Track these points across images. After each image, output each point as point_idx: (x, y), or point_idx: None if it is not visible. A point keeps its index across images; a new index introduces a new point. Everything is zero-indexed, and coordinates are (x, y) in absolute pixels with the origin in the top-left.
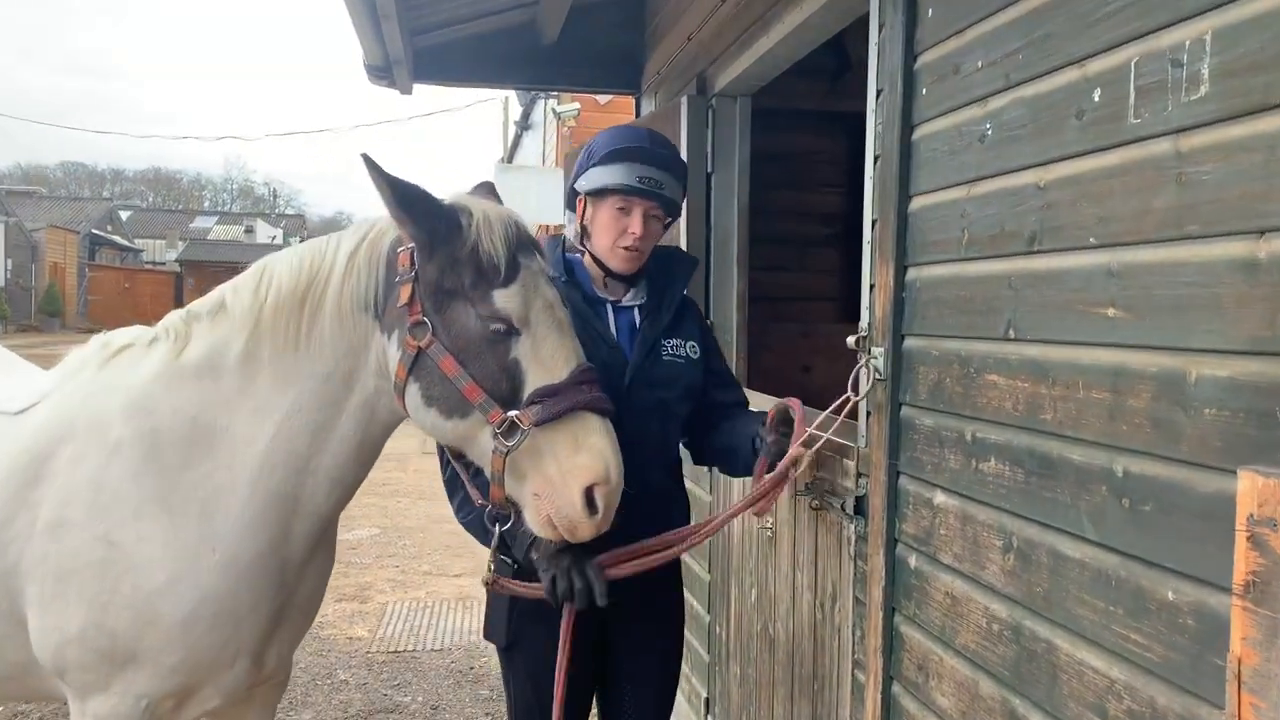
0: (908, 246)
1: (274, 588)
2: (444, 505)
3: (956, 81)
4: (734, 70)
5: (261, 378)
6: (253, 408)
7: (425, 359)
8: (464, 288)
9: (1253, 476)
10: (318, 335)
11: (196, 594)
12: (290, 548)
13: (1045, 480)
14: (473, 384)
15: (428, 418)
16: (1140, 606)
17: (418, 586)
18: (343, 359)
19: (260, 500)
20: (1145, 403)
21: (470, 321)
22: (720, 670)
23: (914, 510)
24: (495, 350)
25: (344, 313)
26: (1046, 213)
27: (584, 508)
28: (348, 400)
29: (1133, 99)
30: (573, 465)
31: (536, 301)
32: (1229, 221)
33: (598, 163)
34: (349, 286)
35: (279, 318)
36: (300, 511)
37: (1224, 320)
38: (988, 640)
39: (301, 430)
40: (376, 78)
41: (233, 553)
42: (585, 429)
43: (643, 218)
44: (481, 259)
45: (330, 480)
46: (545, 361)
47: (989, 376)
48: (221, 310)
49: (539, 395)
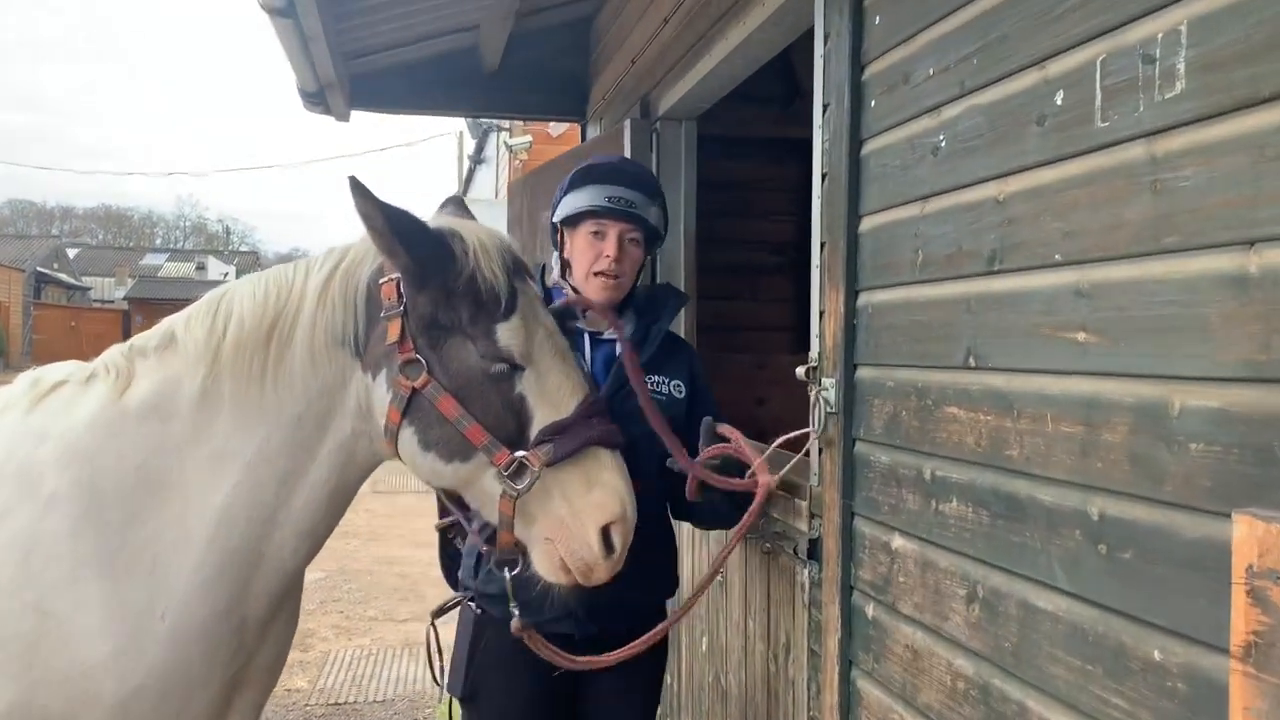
0: (858, 270)
1: (230, 653)
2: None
3: (907, 91)
4: (677, 92)
5: (220, 420)
6: (210, 454)
7: (421, 400)
8: (462, 322)
9: (1251, 521)
10: (286, 373)
11: (142, 668)
12: (250, 607)
13: (1012, 523)
14: (476, 425)
15: (426, 462)
16: (1121, 666)
17: (363, 633)
18: (316, 400)
19: (217, 558)
20: (1122, 437)
21: (471, 359)
22: None
23: (870, 555)
24: (499, 388)
25: (317, 349)
26: (1007, 229)
27: (601, 548)
28: (321, 445)
29: (1100, 101)
30: (586, 504)
31: (538, 332)
32: (1213, 232)
33: (568, 190)
34: (323, 320)
35: (241, 353)
36: (263, 568)
37: (1211, 343)
38: (953, 700)
39: (268, 479)
40: (311, 104)
41: (184, 618)
42: (598, 466)
43: (618, 240)
44: (481, 290)
45: (298, 533)
46: (551, 396)
47: (948, 409)
48: (171, 344)
49: (548, 433)
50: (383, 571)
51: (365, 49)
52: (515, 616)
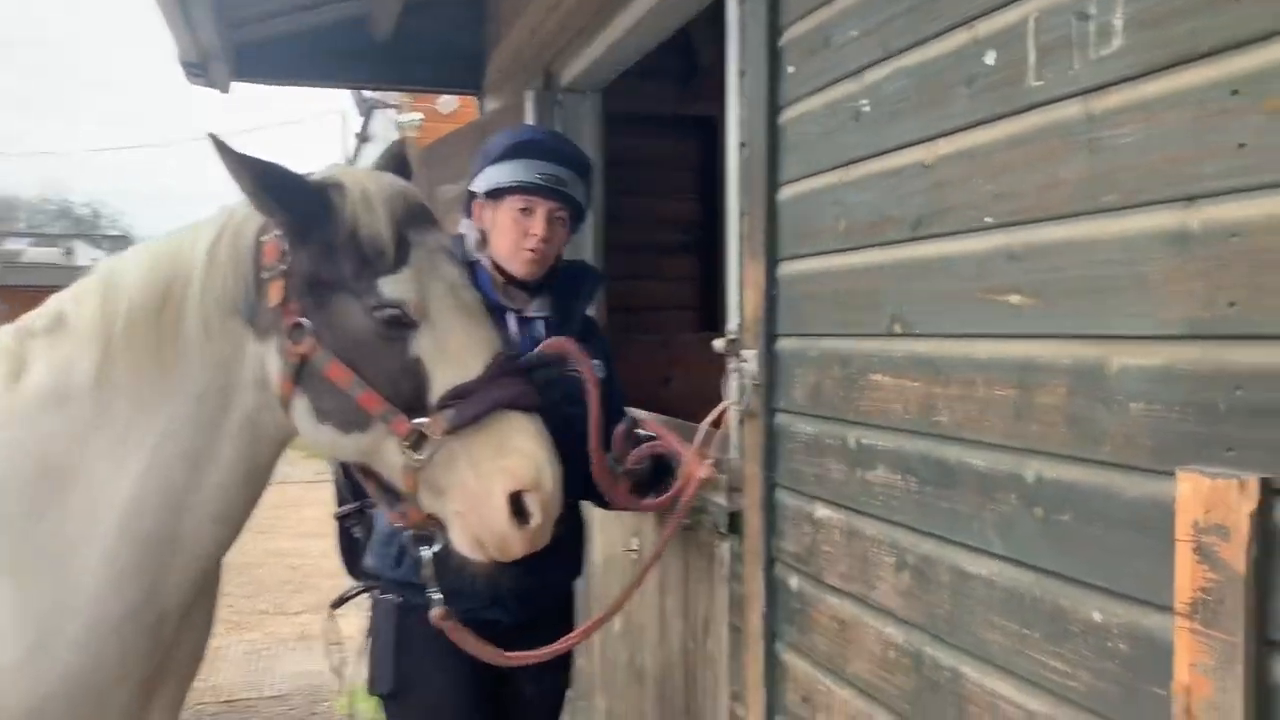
0: (779, 240)
1: (148, 649)
2: (285, 539)
3: (828, 55)
4: (581, 62)
5: (120, 402)
6: (113, 438)
7: (310, 367)
8: (345, 278)
9: (1196, 478)
10: (183, 348)
11: (53, 672)
12: (168, 599)
13: (943, 490)
14: (369, 392)
15: (323, 435)
16: (1060, 629)
17: (254, 628)
18: (215, 374)
19: (130, 549)
20: (1059, 399)
21: (358, 319)
22: (585, 706)
23: (794, 526)
24: (391, 349)
25: (210, 319)
26: (934, 193)
27: (511, 517)
28: (226, 421)
29: (1033, 59)
30: (494, 469)
31: (435, 285)
32: (1153, 190)
33: (495, 161)
34: (213, 287)
35: (134, 330)
36: (180, 557)
37: (1151, 302)
38: (883, 669)
39: (176, 461)
40: (193, 75)
41: (97, 616)
42: (509, 429)
43: (546, 219)
44: (363, 242)
45: (214, 518)
46: (453, 356)
47: (873, 377)
48: (61, 325)
49: (450, 397)
50: (273, 564)
51: (250, 16)
52: (435, 605)
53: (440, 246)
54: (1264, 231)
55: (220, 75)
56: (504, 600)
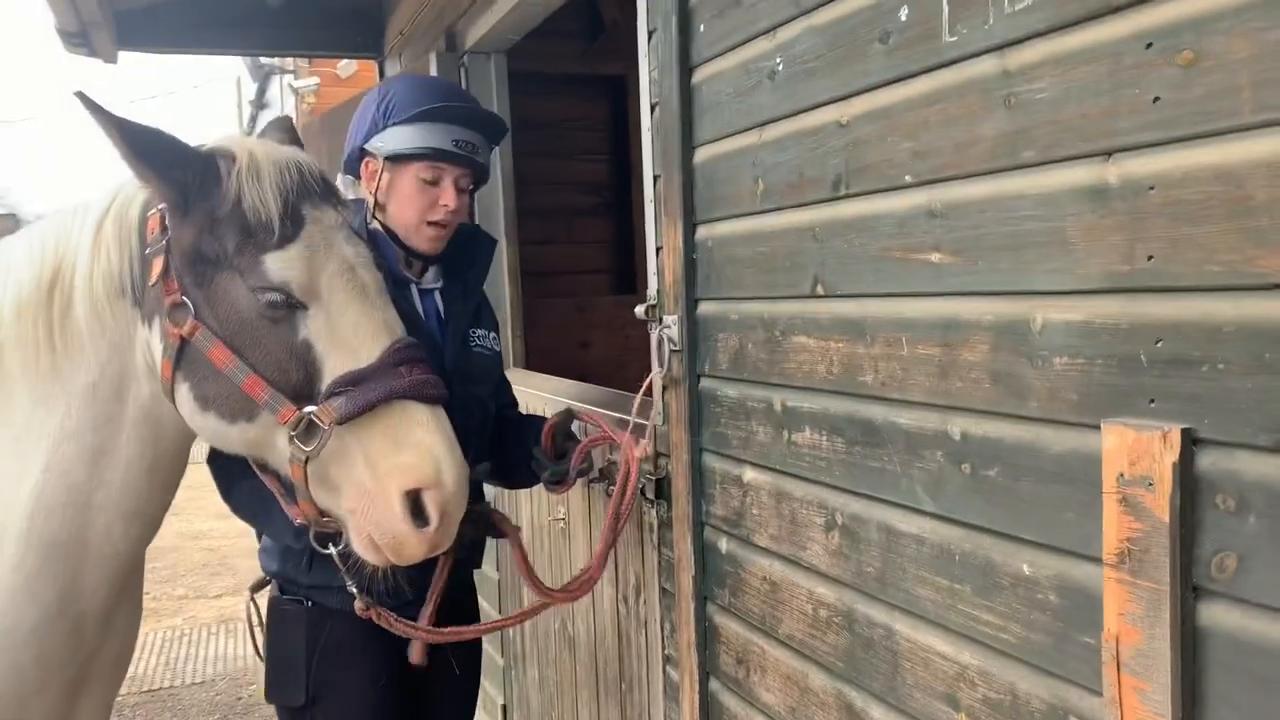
0: (696, 203)
1: (68, 654)
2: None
3: (739, 14)
4: (486, 22)
5: (18, 397)
6: (13, 436)
7: (191, 350)
8: (227, 254)
9: (1121, 431)
10: (74, 335)
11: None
12: (85, 602)
13: (869, 449)
14: (254, 376)
15: (208, 424)
16: (990, 583)
17: (173, 614)
18: (107, 363)
19: (38, 553)
20: (983, 356)
21: (241, 298)
22: (517, 675)
23: (721, 490)
24: (278, 331)
25: (98, 303)
26: (852, 152)
27: (407, 517)
28: (123, 414)
29: (947, 14)
30: (390, 466)
31: (328, 264)
32: (1070, 144)
33: (402, 121)
34: (100, 268)
35: (24, 319)
36: (92, 557)
37: (1071, 257)
38: (815, 628)
39: (76, 459)
40: (73, 44)
41: (10, 623)
42: (407, 422)
43: (454, 188)
44: (247, 214)
45: (124, 515)
46: (346, 341)
47: (797, 339)
48: None
49: (340, 384)
50: (189, 547)
51: None
52: (356, 596)
53: (338, 223)
54: (1180, 184)
55: (104, 44)
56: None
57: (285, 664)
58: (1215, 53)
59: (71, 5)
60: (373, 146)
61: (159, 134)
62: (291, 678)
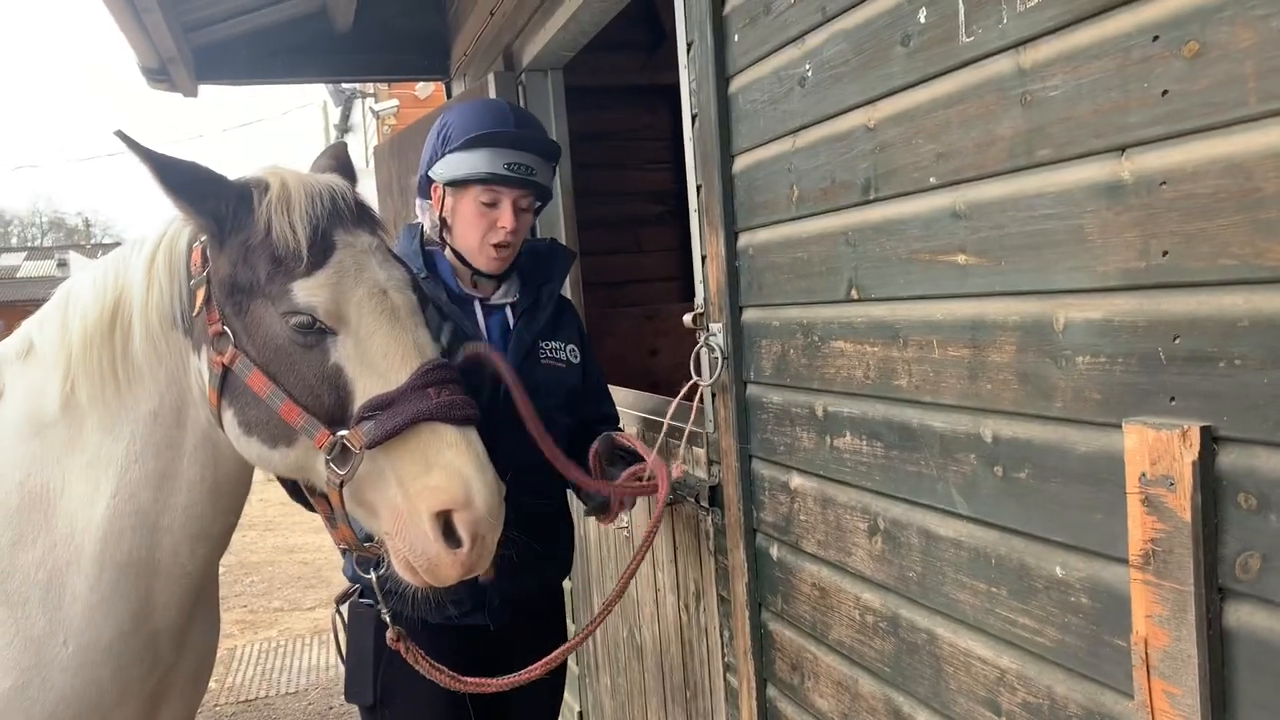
0: (736, 211)
1: (145, 669)
2: (294, 535)
3: (769, 22)
4: (540, 41)
5: (88, 425)
6: (86, 462)
7: (233, 377)
8: (260, 282)
9: (1141, 430)
10: (135, 366)
11: (50, 697)
12: (158, 619)
13: (907, 453)
14: (289, 402)
15: (252, 449)
16: (1025, 586)
17: (269, 625)
18: (166, 390)
19: (111, 573)
20: (1010, 357)
21: (274, 325)
22: (590, 682)
23: (770, 496)
24: (310, 357)
25: (154, 334)
26: (879, 156)
27: (439, 539)
28: (184, 439)
29: (963, 15)
30: (419, 488)
31: (358, 289)
32: (1085, 141)
33: (457, 148)
34: (153, 300)
35: (89, 351)
36: (162, 577)
37: (1090, 255)
38: (863, 634)
39: (142, 483)
40: (155, 80)
41: (88, 641)
42: (437, 444)
43: (512, 209)
44: (276, 243)
45: (190, 536)
46: (375, 364)
47: (835, 344)
48: (31, 350)
49: (370, 408)
50: (284, 561)
51: (205, 19)
52: (389, 626)
53: (373, 247)
54: (1191, 178)
55: (183, 79)
56: (489, 604)
57: (358, 664)
58: (1219, 43)
59: (151, 43)
60: (435, 174)
61: (194, 167)
62: (363, 678)
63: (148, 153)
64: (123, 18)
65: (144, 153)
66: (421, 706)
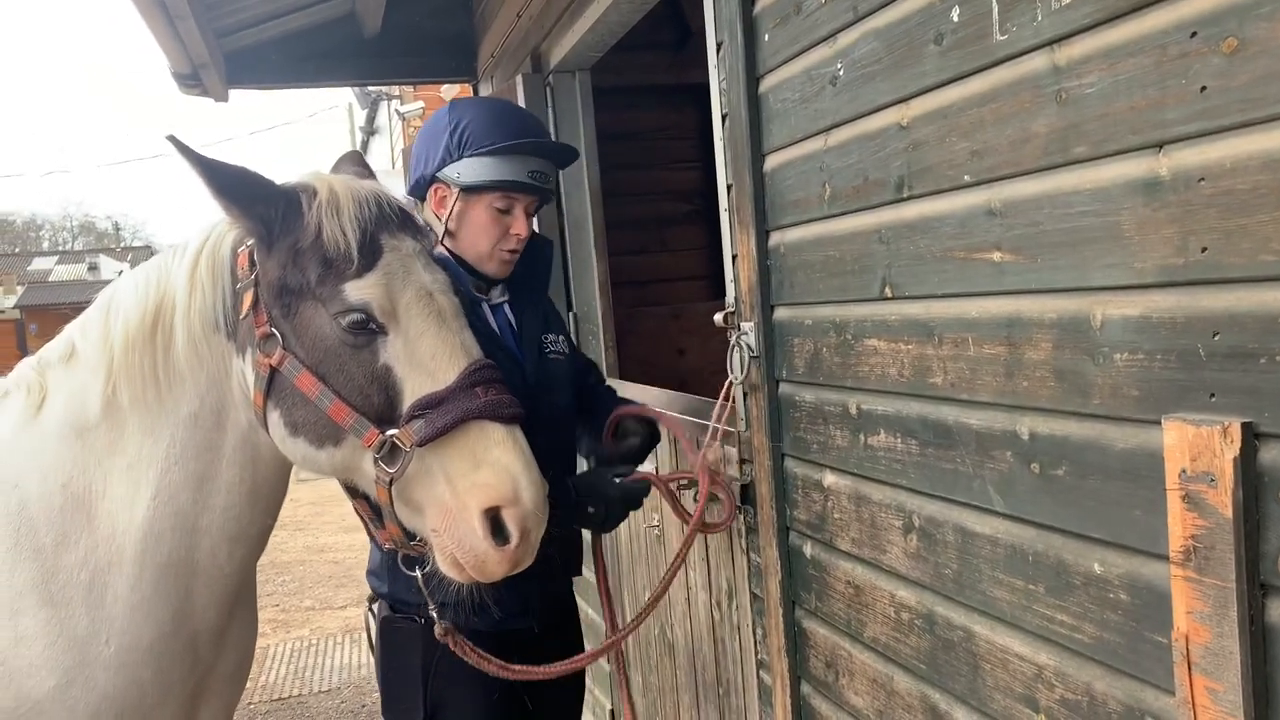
0: (767, 209)
1: (185, 669)
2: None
3: (800, 21)
4: (567, 42)
5: (129, 427)
6: (127, 464)
7: (281, 379)
8: (310, 285)
9: (1181, 427)
10: (175, 369)
11: (93, 696)
12: (197, 620)
13: (942, 450)
14: (339, 402)
15: (298, 450)
16: (1063, 583)
17: (301, 624)
18: (206, 393)
19: (152, 574)
20: (1046, 354)
21: (324, 326)
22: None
23: (804, 494)
24: (360, 357)
25: (196, 338)
26: (913, 154)
27: (487, 536)
28: (223, 441)
29: (996, 13)
30: (468, 485)
31: (406, 291)
32: (1121, 138)
33: (483, 153)
34: (196, 304)
35: (131, 354)
36: (201, 578)
37: (1127, 251)
38: (898, 631)
39: (182, 485)
40: (187, 86)
41: (129, 641)
42: (485, 441)
43: (524, 215)
44: (327, 246)
45: (228, 538)
46: (424, 364)
47: (868, 341)
48: (74, 354)
49: (420, 407)
50: (315, 560)
51: (237, 24)
52: (435, 620)
53: (416, 251)
54: (1230, 174)
55: (214, 84)
56: (534, 608)
57: (402, 681)
58: (1258, 38)
59: (183, 49)
60: (446, 175)
61: (244, 172)
62: (409, 694)
63: (200, 158)
64: (156, 24)
65: (196, 158)
66: (470, 715)
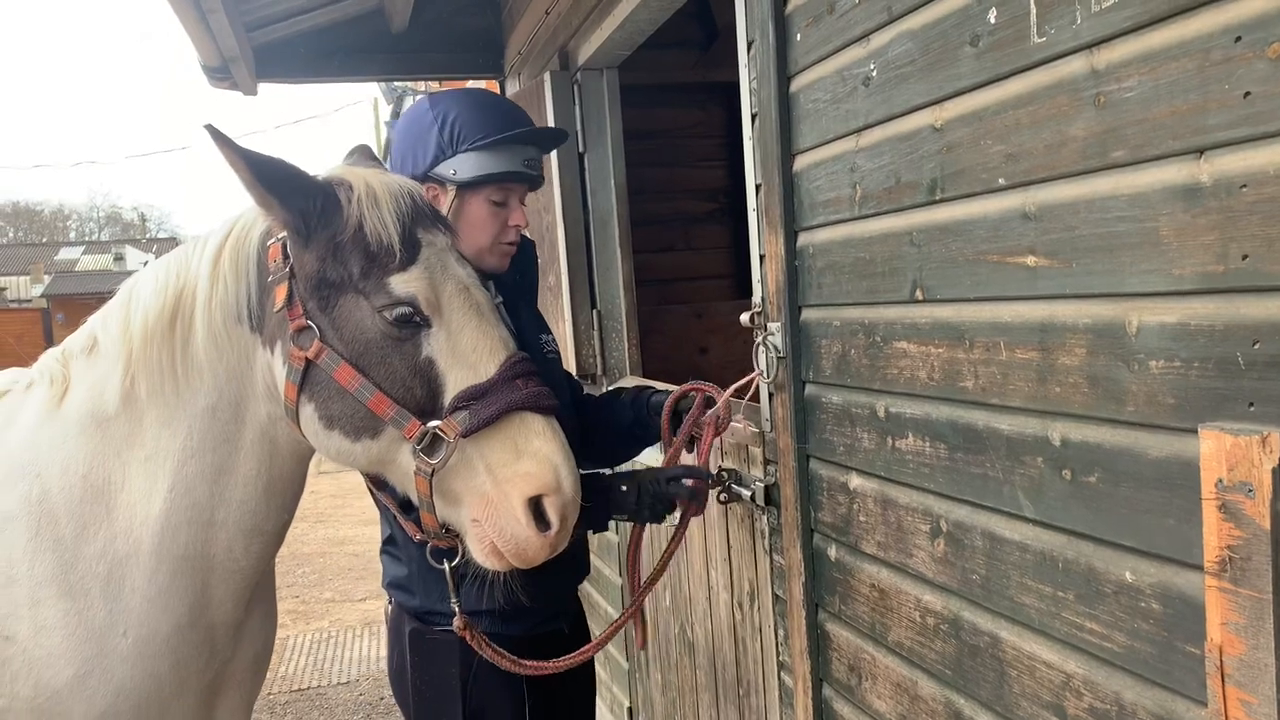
0: (796, 210)
1: (203, 661)
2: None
3: (833, 21)
4: (596, 40)
5: (147, 419)
6: (145, 456)
7: (317, 372)
8: (352, 278)
9: (1218, 436)
10: (194, 361)
11: (111, 688)
12: (214, 614)
13: (972, 455)
14: (380, 395)
15: (332, 443)
16: (1094, 591)
17: (320, 616)
18: (225, 386)
19: (168, 567)
20: (1080, 360)
21: (366, 319)
22: (641, 678)
23: (829, 497)
24: (402, 350)
25: (217, 330)
26: (946, 156)
27: (530, 523)
28: (241, 435)
29: (1034, 15)
30: (512, 474)
31: (447, 284)
32: (1161, 143)
33: (477, 147)
34: (218, 297)
35: (149, 346)
36: (217, 571)
37: (1165, 258)
38: (923, 635)
39: (198, 478)
40: (217, 80)
41: (147, 633)
42: (526, 432)
43: (520, 205)
44: (369, 239)
45: (244, 532)
46: (466, 356)
47: (898, 344)
48: (95, 345)
49: (464, 399)
50: (335, 553)
51: (267, 18)
52: (457, 614)
53: (449, 246)
54: (1274, 181)
55: (244, 78)
56: (566, 610)
57: (439, 694)
58: None
59: (214, 42)
60: (440, 173)
61: (283, 164)
62: (448, 708)
63: (238, 149)
64: (188, 18)
65: (235, 149)
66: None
